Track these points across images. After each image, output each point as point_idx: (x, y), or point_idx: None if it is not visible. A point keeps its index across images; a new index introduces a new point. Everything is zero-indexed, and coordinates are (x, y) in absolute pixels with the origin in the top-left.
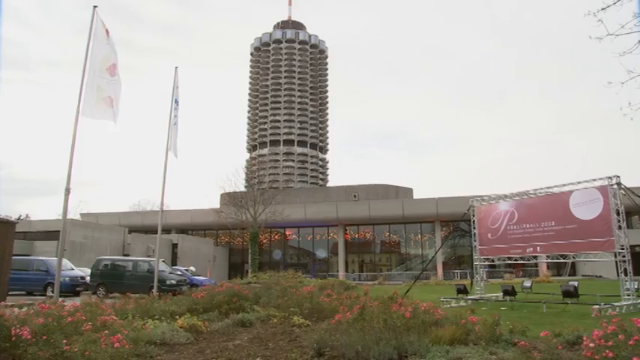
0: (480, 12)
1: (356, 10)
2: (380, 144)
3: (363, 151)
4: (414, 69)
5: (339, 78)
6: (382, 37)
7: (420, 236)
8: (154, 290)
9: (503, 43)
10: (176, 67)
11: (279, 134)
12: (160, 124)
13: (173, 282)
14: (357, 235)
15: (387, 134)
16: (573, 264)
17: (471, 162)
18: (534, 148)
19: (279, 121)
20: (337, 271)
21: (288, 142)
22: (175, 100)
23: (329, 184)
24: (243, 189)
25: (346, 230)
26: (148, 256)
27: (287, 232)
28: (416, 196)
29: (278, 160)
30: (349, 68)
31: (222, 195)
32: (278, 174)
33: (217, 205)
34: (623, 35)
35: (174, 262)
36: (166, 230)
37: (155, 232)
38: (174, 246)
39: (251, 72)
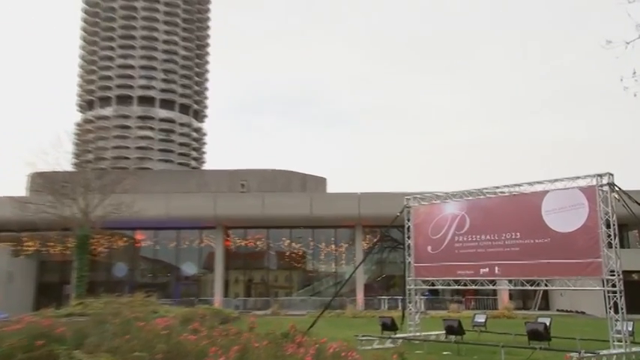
0: None
1: None
2: (285, 116)
3: (260, 123)
4: (345, 16)
5: (227, 18)
6: None
7: (334, 246)
8: None
9: None
10: None
11: (132, 87)
12: None
13: None
14: (243, 243)
15: (298, 104)
16: (545, 293)
17: (417, 145)
18: (502, 128)
19: (131, 67)
20: (212, 295)
21: (146, 101)
22: None
23: (206, 167)
24: (68, 168)
25: (228, 235)
26: None
27: (138, 237)
28: (332, 189)
29: (128, 127)
30: (243, 7)
31: (31, 176)
32: (128, 147)
33: (22, 192)
34: None
35: None
36: None
37: None
38: None
39: None
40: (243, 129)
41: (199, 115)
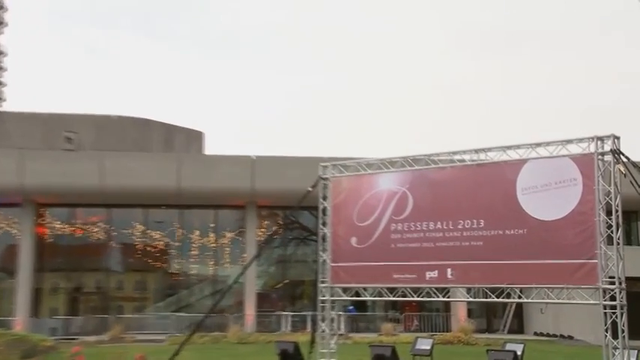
0: None
1: None
2: (145, 37)
3: (102, 45)
4: None
5: None
6: None
7: (213, 236)
8: None
9: None
10: None
11: None
12: None
13: None
14: (68, 230)
15: (166, 18)
16: (519, 309)
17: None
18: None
19: None
20: (12, 313)
21: None
22: None
23: (4, 108)
24: None
25: (43, 217)
26: None
27: None
28: (213, 150)
29: None
30: None
31: None
32: None
33: None
34: None
35: None
36: None
37: None
38: None
39: None
40: (73, 52)
41: None
